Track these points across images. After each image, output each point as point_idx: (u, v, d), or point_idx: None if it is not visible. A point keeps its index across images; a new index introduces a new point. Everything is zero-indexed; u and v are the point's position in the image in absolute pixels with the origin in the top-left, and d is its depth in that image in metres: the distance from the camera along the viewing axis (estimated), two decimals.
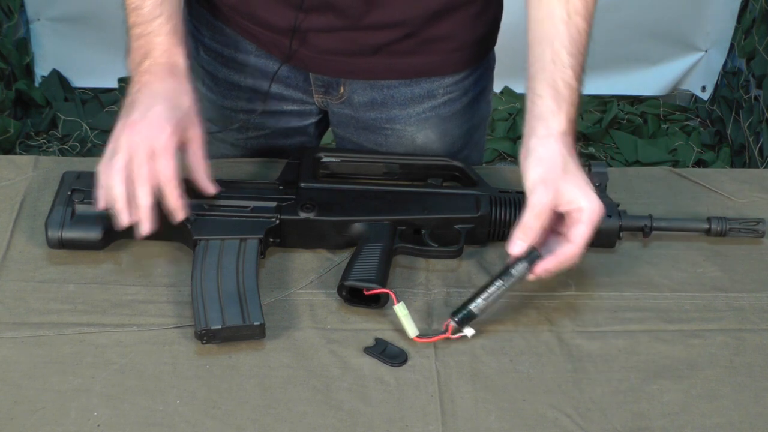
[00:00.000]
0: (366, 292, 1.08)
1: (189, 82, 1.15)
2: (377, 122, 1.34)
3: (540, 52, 1.11)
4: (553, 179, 1.05)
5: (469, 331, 1.07)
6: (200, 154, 1.13)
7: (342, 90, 1.32)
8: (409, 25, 1.23)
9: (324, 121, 1.43)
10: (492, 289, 1.07)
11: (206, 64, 1.36)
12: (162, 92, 1.11)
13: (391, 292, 1.08)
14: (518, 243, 1.06)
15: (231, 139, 1.40)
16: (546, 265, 1.07)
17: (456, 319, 1.06)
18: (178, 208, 1.08)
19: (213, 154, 1.17)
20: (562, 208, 1.06)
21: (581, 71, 1.11)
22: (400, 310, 1.07)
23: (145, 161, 1.05)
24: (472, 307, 1.06)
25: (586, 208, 1.05)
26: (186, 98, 1.13)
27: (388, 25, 1.22)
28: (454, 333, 1.06)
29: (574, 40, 1.10)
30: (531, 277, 1.08)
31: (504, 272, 1.07)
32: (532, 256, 1.06)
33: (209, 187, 1.13)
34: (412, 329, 1.06)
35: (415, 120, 1.34)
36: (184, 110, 1.11)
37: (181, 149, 1.10)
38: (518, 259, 1.07)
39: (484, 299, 1.06)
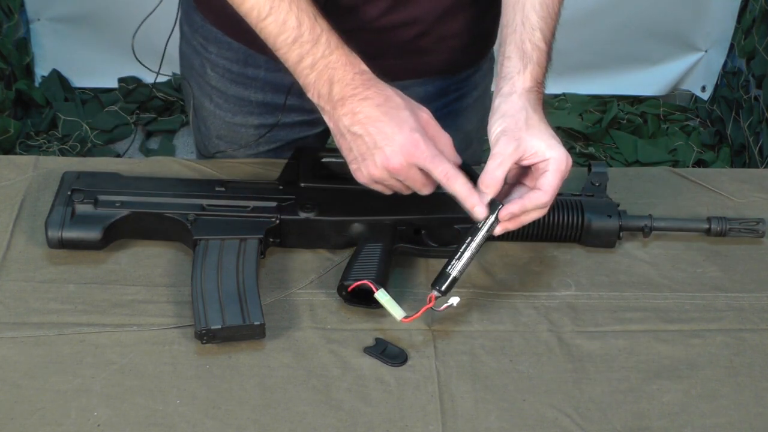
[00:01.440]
0: (349, 288, 1.08)
1: (381, 81, 1.08)
2: None
3: (512, 16, 1.12)
4: (514, 131, 1.05)
5: (454, 300, 1.06)
6: (437, 131, 1.09)
7: None
8: (424, 22, 1.23)
9: None
10: (462, 247, 1.06)
11: (214, 81, 1.34)
12: (379, 113, 1.05)
13: (368, 282, 1.07)
14: (481, 194, 1.05)
15: (241, 155, 1.39)
16: (511, 209, 1.05)
17: (438, 288, 1.06)
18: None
19: None
20: (527, 162, 1.06)
21: (551, 35, 1.12)
22: (381, 296, 1.07)
23: (416, 179, 1.07)
24: (449, 270, 1.06)
25: (552, 158, 1.04)
26: (396, 98, 1.07)
27: (405, 24, 1.22)
28: (438, 304, 1.06)
29: (544, 4, 1.11)
30: (498, 230, 1.06)
31: (471, 228, 1.06)
32: (495, 206, 1.05)
33: (458, 159, 1.10)
34: (397, 312, 1.06)
35: None
36: (405, 108, 1.07)
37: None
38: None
39: (457, 259, 1.06)
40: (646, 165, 2.75)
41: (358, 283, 1.08)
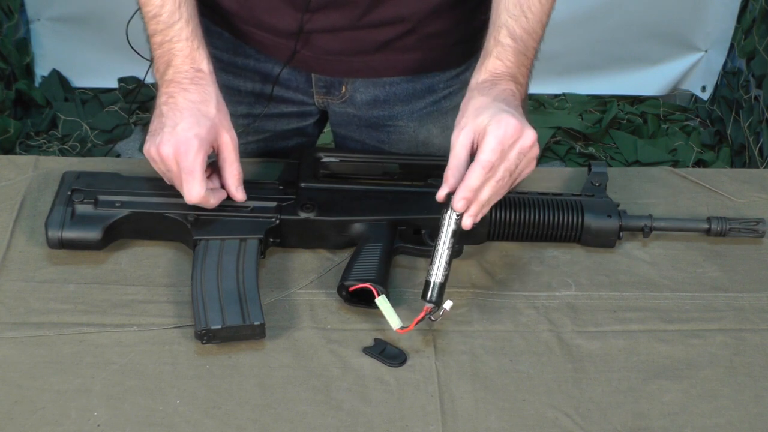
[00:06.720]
0: (350, 289, 1.08)
1: (214, 86, 1.14)
2: (380, 120, 1.35)
3: (490, 21, 1.14)
4: (459, 121, 1.05)
5: (447, 304, 1.05)
6: (231, 159, 1.13)
7: (344, 89, 1.32)
8: (411, 21, 1.23)
9: (322, 121, 1.43)
10: (435, 252, 1.04)
11: None
12: (186, 105, 1.11)
13: (371, 286, 1.07)
14: (443, 190, 1.03)
15: None
16: (459, 194, 1.02)
17: (427, 299, 1.04)
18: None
19: None
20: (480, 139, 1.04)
21: (523, 32, 1.11)
22: (382, 303, 1.06)
23: (178, 178, 1.10)
24: (431, 278, 1.04)
25: (490, 123, 1.01)
26: (211, 106, 1.12)
27: (391, 22, 1.23)
28: (433, 312, 1.05)
29: (518, 4, 1.12)
30: (467, 222, 1.04)
31: (437, 231, 1.05)
32: (449, 199, 1.04)
33: (237, 195, 1.14)
34: (394, 321, 1.06)
35: (417, 115, 1.35)
36: (210, 119, 1.11)
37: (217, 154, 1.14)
38: (442, 211, 1.04)
39: (433, 265, 1.04)
40: (646, 165, 2.75)
41: (361, 285, 1.08)
